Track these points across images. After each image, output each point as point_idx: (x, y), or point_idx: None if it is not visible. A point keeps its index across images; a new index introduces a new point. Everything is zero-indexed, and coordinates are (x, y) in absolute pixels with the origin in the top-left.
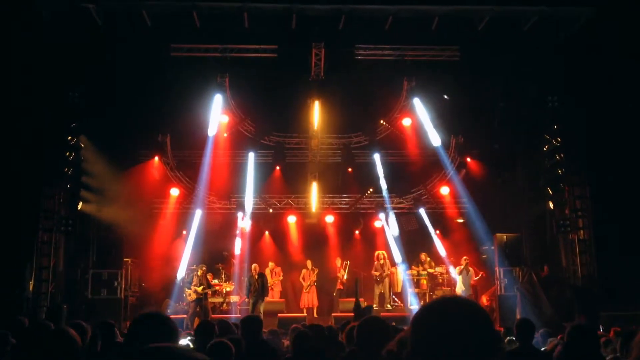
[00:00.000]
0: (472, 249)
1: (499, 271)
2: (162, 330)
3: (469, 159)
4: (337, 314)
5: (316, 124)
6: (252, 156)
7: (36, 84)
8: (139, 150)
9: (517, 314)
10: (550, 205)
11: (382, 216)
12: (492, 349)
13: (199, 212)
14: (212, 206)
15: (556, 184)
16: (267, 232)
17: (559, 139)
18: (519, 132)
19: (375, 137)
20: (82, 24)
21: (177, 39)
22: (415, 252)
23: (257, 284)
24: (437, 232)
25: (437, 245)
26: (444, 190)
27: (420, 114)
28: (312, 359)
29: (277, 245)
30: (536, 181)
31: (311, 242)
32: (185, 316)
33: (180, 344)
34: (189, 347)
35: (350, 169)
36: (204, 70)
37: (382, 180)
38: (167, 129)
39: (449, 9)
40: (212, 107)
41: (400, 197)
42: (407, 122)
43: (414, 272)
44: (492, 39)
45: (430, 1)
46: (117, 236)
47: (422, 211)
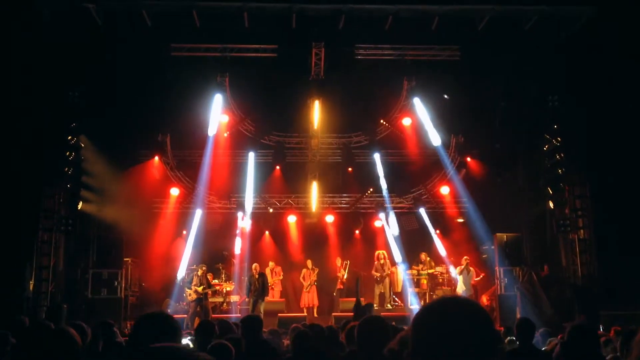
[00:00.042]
0: (472, 248)
1: (499, 271)
2: (166, 330)
3: (469, 159)
4: (337, 314)
5: (316, 124)
6: (252, 156)
7: (36, 84)
8: (139, 150)
9: (517, 313)
10: (550, 204)
11: (382, 216)
12: (492, 348)
13: (199, 212)
14: (212, 206)
15: (556, 183)
16: (267, 232)
17: (559, 139)
18: (519, 132)
19: (375, 137)
20: (82, 23)
21: (177, 38)
22: (415, 251)
23: (257, 284)
24: (437, 231)
25: (437, 245)
26: (444, 190)
27: (420, 113)
28: (312, 358)
29: (277, 245)
30: (536, 181)
31: (311, 242)
32: (185, 316)
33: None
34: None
35: (350, 169)
36: (204, 69)
37: (382, 180)
38: (167, 129)
39: (449, 9)
40: (212, 107)
41: (400, 197)
42: (407, 121)
43: (414, 271)
44: (492, 38)
45: (430, 1)
46: (117, 236)
47: (422, 211)
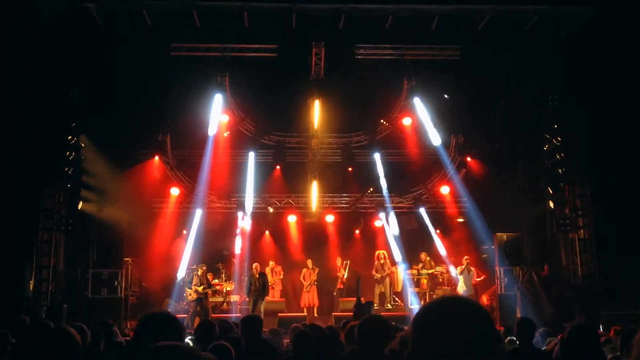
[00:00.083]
0: (473, 248)
1: (499, 270)
2: (169, 330)
3: (469, 159)
4: (337, 314)
5: (316, 124)
6: (252, 156)
7: (36, 84)
8: (139, 149)
9: (518, 313)
10: (550, 204)
11: (382, 215)
12: (492, 348)
13: (199, 212)
14: (212, 206)
15: (556, 183)
16: (267, 232)
17: (559, 138)
18: (519, 132)
19: (375, 137)
20: (82, 23)
21: (177, 38)
22: (415, 251)
23: (257, 283)
24: (438, 231)
25: (438, 244)
26: (444, 189)
27: (420, 113)
28: (313, 358)
29: (277, 244)
30: (536, 180)
31: (311, 242)
32: (185, 316)
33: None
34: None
35: (350, 169)
36: (204, 69)
37: (382, 179)
38: (167, 129)
39: (449, 8)
40: (212, 107)
41: (400, 197)
42: (407, 121)
43: (414, 271)
44: (492, 38)
45: (430, 0)
46: (118, 235)
47: (422, 210)
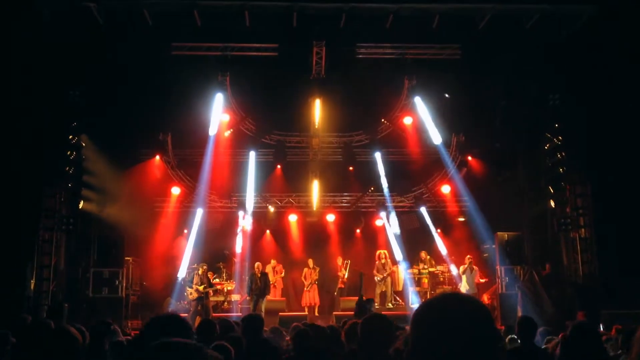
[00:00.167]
0: (473, 247)
1: (500, 270)
2: (177, 332)
3: (470, 158)
4: (338, 313)
5: (317, 123)
6: (253, 155)
7: (36, 84)
8: (140, 149)
9: (519, 312)
10: (551, 203)
11: (383, 215)
12: (492, 346)
13: (200, 211)
14: (213, 205)
15: (557, 182)
16: (268, 231)
17: (560, 138)
18: (520, 131)
19: (376, 136)
20: (83, 23)
21: (178, 37)
22: (416, 250)
23: (259, 282)
24: (438, 230)
25: (438, 243)
26: (445, 188)
27: (421, 112)
28: (313, 357)
29: (278, 244)
30: (537, 180)
31: (312, 241)
32: (186, 315)
33: None
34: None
35: (351, 168)
36: (204, 69)
37: (383, 178)
38: (168, 128)
39: (449, 7)
40: (213, 106)
41: (401, 196)
42: (408, 120)
43: (415, 270)
44: (493, 37)
45: None
46: (118, 235)
47: (423, 210)
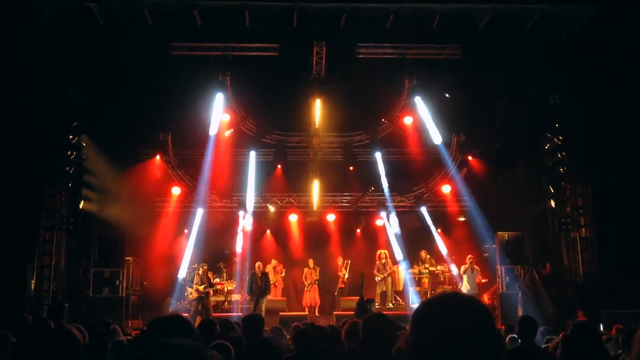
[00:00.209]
0: (474, 247)
1: (501, 269)
2: (179, 332)
3: (470, 157)
4: (338, 312)
5: (317, 123)
6: (253, 155)
7: (36, 84)
8: (140, 149)
9: (519, 312)
10: (551, 203)
11: (383, 214)
12: (492, 346)
13: (200, 211)
14: (213, 205)
15: (558, 182)
16: (268, 231)
17: (560, 137)
18: (520, 131)
19: (376, 136)
20: (83, 23)
21: (178, 37)
22: (416, 250)
23: (260, 282)
24: (439, 230)
25: (439, 243)
26: (446, 188)
27: (421, 112)
28: (313, 357)
29: (278, 243)
30: (537, 180)
31: (312, 241)
32: (186, 315)
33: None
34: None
35: (351, 168)
36: (205, 68)
37: (383, 178)
38: (168, 128)
39: (450, 7)
40: (213, 106)
41: (401, 196)
42: (408, 120)
43: (416, 270)
44: (493, 37)
45: None
46: (119, 235)
47: (423, 209)
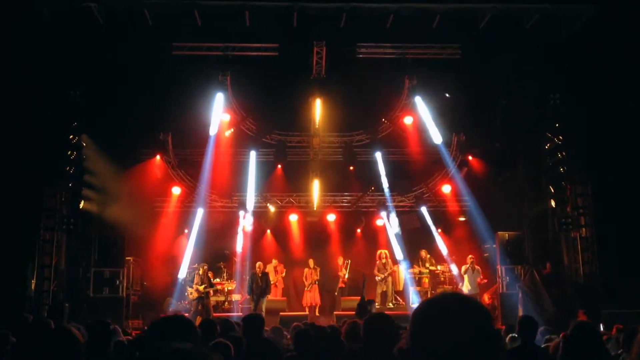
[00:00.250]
0: (474, 247)
1: (501, 269)
2: (182, 334)
3: (470, 157)
4: (339, 312)
5: (317, 122)
6: (253, 155)
7: (36, 84)
8: (140, 148)
9: (519, 311)
10: (552, 203)
11: (383, 214)
12: (492, 346)
13: (200, 211)
14: (213, 205)
15: (558, 181)
16: (268, 231)
17: (560, 137)
18: (520, 131)
19: (376, 136)
20: (83, 23)
21: (178, 37)
22: (416, 250)
23: (260, 282)
24: (439, 230)
25: (439, 243)
26: (446, 188)
27: (421, 112)
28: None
29: (278, 243)
30: (537, 180)
31: (313, 241)
32: (187, 315)
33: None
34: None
35: (351, 167)
36: (205, 68)
37: (383, 178)
38: (168, 128)
39: (450, 7)
40: (213, 106)
41: (401, 196)
42: (408, 120)
43: (416, 270)
44: (493, 37)
45: None
46: (119, 235)
47: (423, 209)
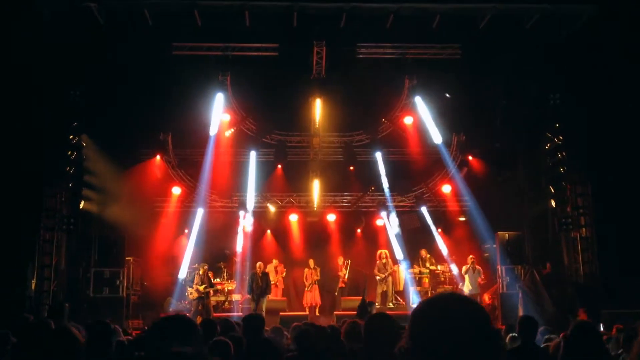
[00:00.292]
0: (474, 247)
1: (501, 269)
2: (184, 333)
3: (470, 157)
4: (339, 312)
5: (317, 123)
6: (253, 155)
7: (36, 84)
8: (140, 149)
9: (520, 311)
10: (552, 203)
11: (383, 214)
12: (492, 346)
13: (200, 211)
14: (213, 205)
15: (558, 181)
16: (268, 231)
17: (560, 137)
18: (520, 131)
19: (376, 136)
20: (83, 23)
21: (178, 37)
22: (417, 250)
23: (260, 282)
24: (439, 230)
25: (439, 243)
26: (446, 188)
27: (421, 112)
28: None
29: (278, 243)
30: (537, 180)
31: (313, 241)
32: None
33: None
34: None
35: (351, 167)
36: (205, 68)
37: (383, 178)
38: (168, 128)
39: (450, 7)
40: (213, 106)
41: (401, 196)
42: (408, 120)
43: (416, 270)
44: (493, 37)
45: None
46: (119, 235)
47: (423, 209)
